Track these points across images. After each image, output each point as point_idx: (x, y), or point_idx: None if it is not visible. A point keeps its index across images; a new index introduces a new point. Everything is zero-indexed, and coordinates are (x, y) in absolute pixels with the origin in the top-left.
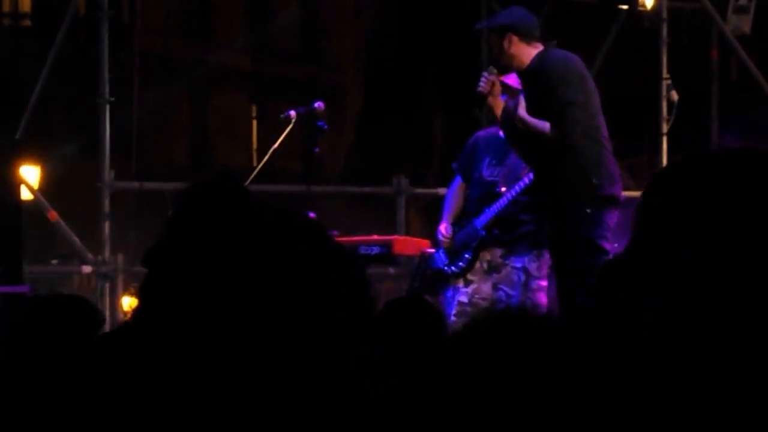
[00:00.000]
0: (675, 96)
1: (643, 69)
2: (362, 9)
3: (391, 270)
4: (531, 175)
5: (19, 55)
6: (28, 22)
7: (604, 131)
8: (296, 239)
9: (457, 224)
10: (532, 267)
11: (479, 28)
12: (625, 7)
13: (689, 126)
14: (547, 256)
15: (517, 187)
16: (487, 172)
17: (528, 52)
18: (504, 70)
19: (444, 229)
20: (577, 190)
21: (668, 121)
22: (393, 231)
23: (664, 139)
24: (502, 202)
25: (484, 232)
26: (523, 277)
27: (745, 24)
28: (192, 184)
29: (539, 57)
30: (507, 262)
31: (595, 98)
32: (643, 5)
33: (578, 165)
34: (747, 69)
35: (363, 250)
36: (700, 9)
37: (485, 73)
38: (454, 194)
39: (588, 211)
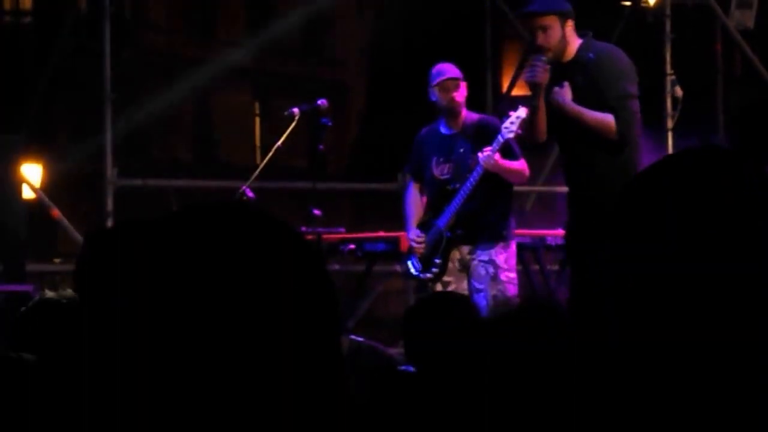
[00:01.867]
0: (679, 91)
1: (647, 65)
2: (365, 6)
3: (398, 267)
4: (479, 168)
5: (20, 53)
6: (29, 20)
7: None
8: (252, 239)
9: (419, 227)
10: (500, 259)
11: (536, 11)
12: (628, 3)
13: (694, 121)
14: (513, 247)
15: (469, 183)
16: (437, 171)
17: (576, 42)
18: (555, 56)
19: (415, 235)
20: None
21: (673, 116)
22: (399, 228)
23: (669, 135)
24: (458, 199)
25: (449, 234)
26: (491, 270)
27: (749, 19)
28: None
29: (586, 47)
30: (474, 256)
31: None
32: (647, 1)
33: (630, 164)
34: (751, 63)
35: (368, 247)
36: (704, 4)
37: (540, 60)
38: (411, 198)
39: None
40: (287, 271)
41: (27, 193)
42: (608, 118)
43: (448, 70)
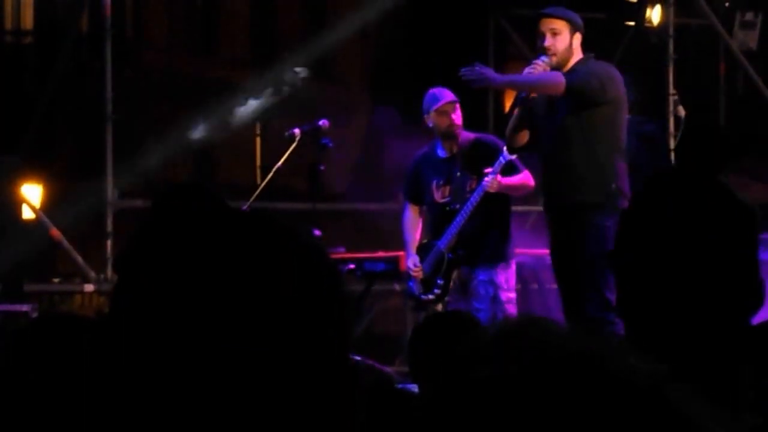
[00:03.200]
0: (682, 111)
1: (650, 85)
2: (369, 25)
3: (397, 286)
4: (480, 190)
5: (21, 73)
6: (30, 39)
7: (624, 147)
8: (270, 247)
9: (420, 249)
10: (500, 279)
11: (552, 14)
12: (632, 23)
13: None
14: (513, 267)
15: (469, 204)
16: (437, 194)
17: (578, 57)
18: (558, 62)
19: (412, 263)
20: (600, 199)
21: (676, 136)
22: (398, 247)
23: (672, 155)
24: (458, 220)
25: (450, 255)
26: (491, 290)
27: (752, 39)
28: (165, 191)
29: (583, 61)
30: (473, 276)
31: (624, 113)
32: (650, 21)
33: (606, 169)
34: (754, 84)
35: (368, 267)
36: (707, 25)
37: (541, 59)
38: (409, 222)
39: (608, 224)
40: (307, 282)
41: (26, 213)
42: (551, 74)
43: (444, 94)
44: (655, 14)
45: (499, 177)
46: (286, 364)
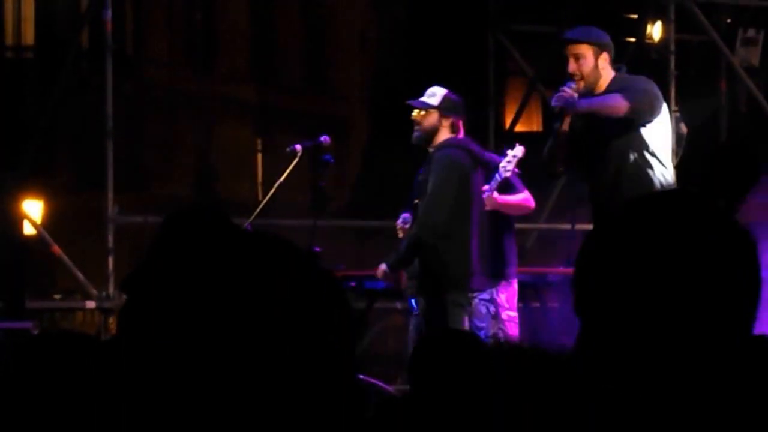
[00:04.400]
0: (684, 128)
1: None
2: (368, 40)
3: (398, 305)
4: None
5: (22, 88)
6: (31, 55)
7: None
8: (278, 266)
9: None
10: (501, 298)
11: (575, 38)
12: (632, 39)
13: (698, 158)
14: (515, 285)
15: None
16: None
17: (610, 75)
18: (587, 86)
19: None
20: None
21: (677, 153)
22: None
23: (674, 172)
24: None
25: None
26: (492, 309)
27: (754, 56)
28: (174, 211)
29: (620, 78)
30: (474, 294)
31: (669, 126)
32: (651, 37)
33: (653, 185)
34: (756, 101)
35: (369, 285)
36: (708, 41)
37: (568, 86)
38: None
39: None
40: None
41: (27, 229)
42: (614, 97)
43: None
44: (656, 30)
45: (495, 195)
46: (291, 382)
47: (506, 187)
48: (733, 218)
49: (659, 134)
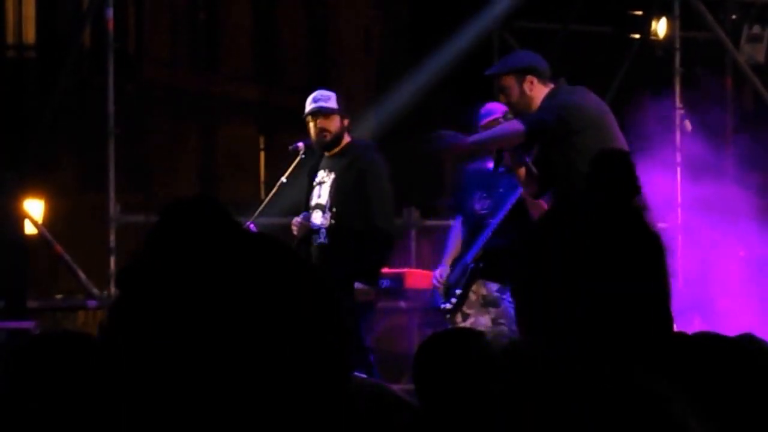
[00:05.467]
0: (689, 126)
1: (656, 98)
2: (372, 40)
3: (402, 304)
4: (508, 205)
5: (23, 88)
6: (32, 54)
7: None
8: (273, 263)
9: (453, 262)
10: None
11: (494, 73)
12: (637, 36)
13: (704, 156)
14: None
15: (499, 216)
16: (478, 206)
17: (543, 93)
18: (521, 114)
19: (439, 273)
20: None
21: (682, 151)
22: (404, 264)
23: (678, 169)
24: (487, 232)
25: (472, 265)
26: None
27: (759, 53)
28: (172, 203)
29: (550, 96)
30: (503, 297)
31: (608, 132)
32: (656, 35)
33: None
34: (762, 98)
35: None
36: (714, 38)
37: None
38: (453, 235)
39: None
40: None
41: (29, 229)
42: (509, 125)
43: (497, 108)
44: (661, 27)
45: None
46: (284, 376)
47: None
48: (642, 222)
49: (586, 145)
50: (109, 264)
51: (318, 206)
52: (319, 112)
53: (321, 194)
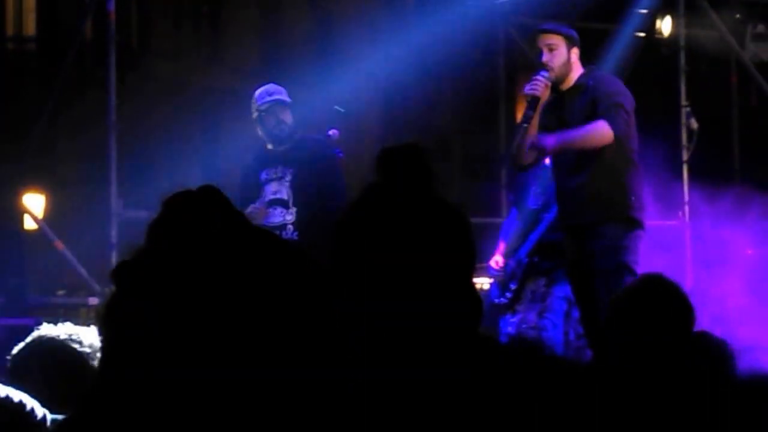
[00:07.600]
0: (694, 124)
1: (662, 97)
2: (379, 34)
3: None
4: None
5: (23, 80)
6: (32, 46)
7: (637, 158)
8: (274, 256)
9: (507, 254)
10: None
11: (551, 29)
12: (642, 34)
13: (710, 154)
14: None
15: (552, 212)
16: (532, 201)
17: (579, 71)
18: (557, 77)
19: (495, 263)
20: (618, 210)
21: (688, 149)
22: None
23: (685, 167)
24: (541, 227)
25: (526, 260)
26: (565, 306)
27: (764, 51)
28: (174, 195)
29: (589, 74)
30: (551, 291)
31: (634, 124)
32: (661, 33)
33: (620, 183)
34: (766, 96)
35: None
36: (718, 36)
37: (542, 75)
38: (509, 226)
39: (625, 234)
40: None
41: (29, 224)
42: (598, 125)
43: None
44: (665, 26)
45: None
46: (284, 377)
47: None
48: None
49: (634, 128)
50: (110, 259)
51: (277, 202)
52: (278, 105)
53: (279, 190)
